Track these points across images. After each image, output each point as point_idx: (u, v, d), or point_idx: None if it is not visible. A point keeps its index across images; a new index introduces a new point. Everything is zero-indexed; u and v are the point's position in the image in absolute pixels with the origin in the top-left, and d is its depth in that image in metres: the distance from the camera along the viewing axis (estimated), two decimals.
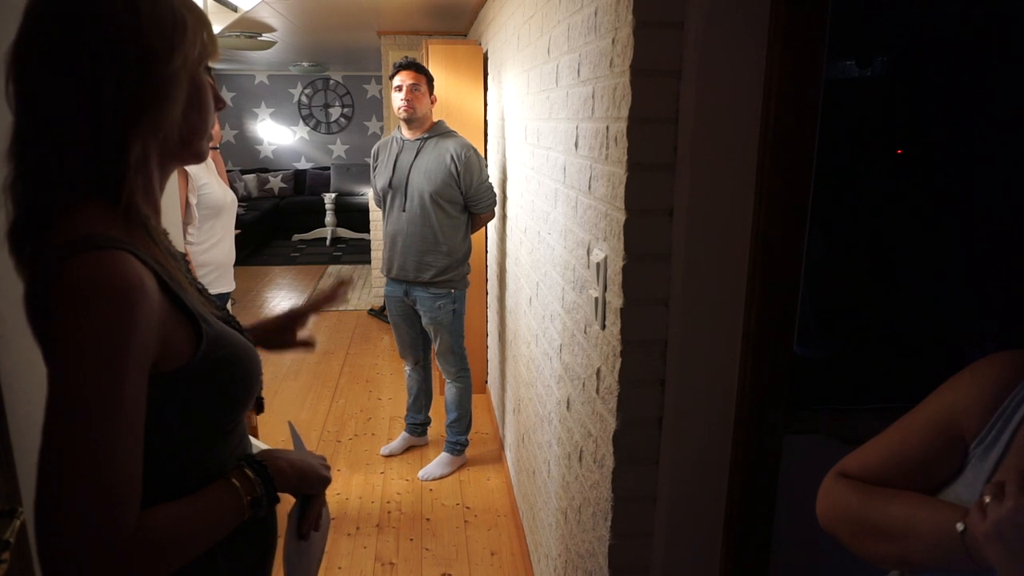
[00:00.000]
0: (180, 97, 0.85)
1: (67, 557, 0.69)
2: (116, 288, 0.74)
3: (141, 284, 0.77)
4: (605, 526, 1.51)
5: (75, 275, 0.74)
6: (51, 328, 0.75)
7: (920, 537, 0.80)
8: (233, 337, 0.92)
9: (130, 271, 0.76)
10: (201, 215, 2.83)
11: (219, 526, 0.86)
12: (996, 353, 0.88)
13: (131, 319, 0.74)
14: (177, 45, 0.83)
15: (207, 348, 0.85)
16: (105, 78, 0.78)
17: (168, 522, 0.79)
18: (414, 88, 3.08)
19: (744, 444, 1.40)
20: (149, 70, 0.81)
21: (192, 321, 0.85)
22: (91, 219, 0.79)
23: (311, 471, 1.01)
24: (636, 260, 1.34)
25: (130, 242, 0.80)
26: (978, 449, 0.83)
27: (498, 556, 2.81)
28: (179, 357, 0.83)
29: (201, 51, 0.88)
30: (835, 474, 0.96)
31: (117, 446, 0.73)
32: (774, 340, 1.35)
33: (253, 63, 9.23)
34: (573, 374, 1.79)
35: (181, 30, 0.84)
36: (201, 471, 0.88)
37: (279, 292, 7.13)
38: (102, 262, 0.75)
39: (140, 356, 0.76)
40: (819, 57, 1.26)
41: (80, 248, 0.75)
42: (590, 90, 1.54)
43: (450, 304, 3.25)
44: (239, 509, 0.88)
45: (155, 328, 0.78)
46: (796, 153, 1.28)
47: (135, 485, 0.74)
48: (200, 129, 0.91)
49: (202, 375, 0.86)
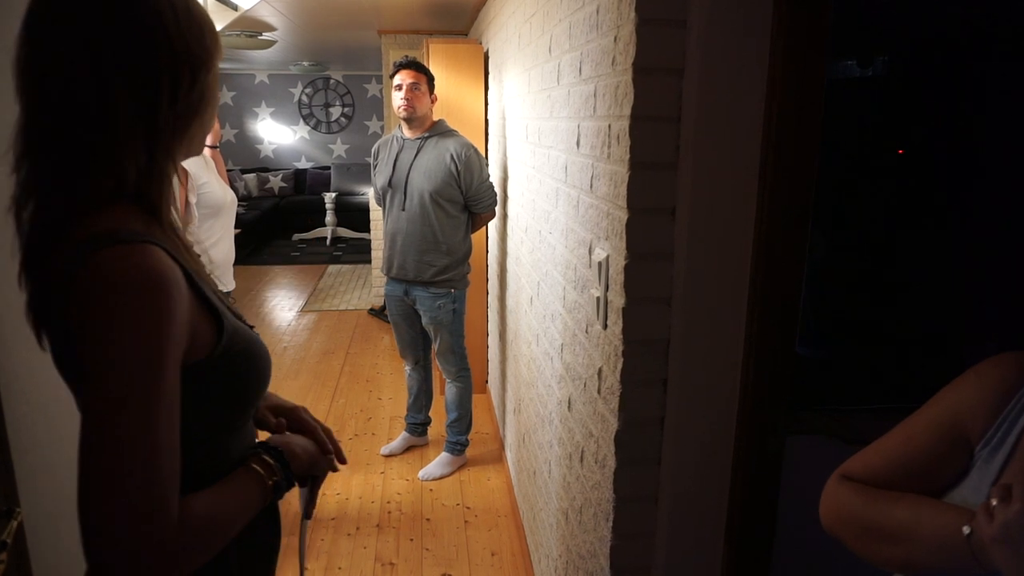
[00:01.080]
0: (217, 101, 0.90)
1: (118, 551, 0.70)
2: (150, 280, 0.75)
3: (173, 275, 0.78)
4: (606, 526, 1.50)
5: (106, 269, 0.74)
6: (84, 324, 0.74)
7: (925, 540, 0.79)
8: (247, 332, 0.94)
9: (161, 263, 0.77)
10: (201, 214, 2.83)
11: (249, 510, 0.89)
12: (1001, 354, 0.87)
13: (167, 310, 0.75)
14: (214, 50, 0.87)
15: (227, 342, 0.87)
16: (162, 87, 0.81)
17: (206, 509, 0.80)
18: (414, 87, 3.07)
19: (746, 444, 1.39)
20: (198, 77, 0.85)
21: (214, 314, 0.86)
22: (110, 215, 0.80)
23: (317, 455, 1.07)
24: (638, 259, 1.33)
25: (152, 236, 0.81)
26: (983, 451, 0.83)
27: (498, 556, 2.81)
28: (202, 349, 0.84)
29: (216, 51, 0.91)
30: (839, 476, 0.95)
31: (160, 438, 0.73)
32: (776, 340, 1.34)
33: (253, 62, 9.22)
34: (574, 374, 1.79)
35: (212, 35, 0.87)
36: (215, 463, 0.90)
37: (279, 291, 7.12)
38: (132, 255, 0.75)
39: (176, 348, 0.77)
40: (821, 56, 1.25)
41: (105, 243, 0.75)
42: (592, 88, 1.53)
43: (450, 304, 3.24)
44: (263, 493, 0.91)
45: (186, 320, 0.80)
46: (799, 152, 1.27)
47: (177, 476, 0.75)
48: (207, 127, 0.94)
49: (220, 368, 0.87)
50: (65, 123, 0.79)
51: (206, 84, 0.87)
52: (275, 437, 1.02)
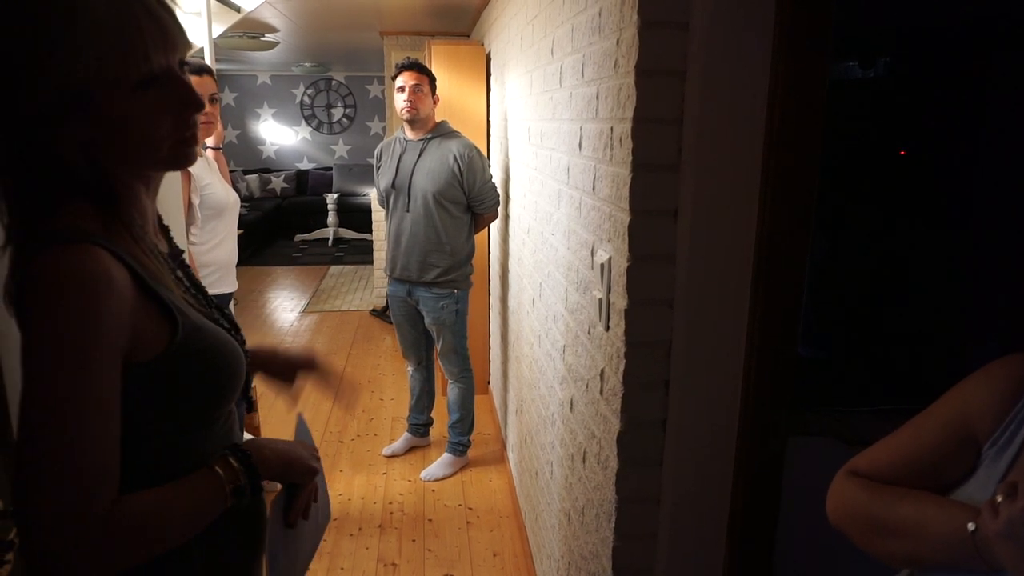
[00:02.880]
0: (65, 136, 0.80)
1: (40, 541, 0.73)
2: (80, 280, 0.77)
3: (107, 276, 0.78)
4: (609, 527, 1.51)
5: (42, 267, 0.77)
6: (22, 319, 0.78)
7: (930, 536, 0.80)
8: (213, 331, 0.94)
9: (95, 264, 0.78)
10: (204, 215, 2.83)
11: (200, 513, 0.87)
12: (1010, 355, 0.88)
13: (96, 309, 0.77)
14: (40, 81, 0.78)
15: (183, 339, 0.87)
16: (23, 93, 0.78)
17: (145, 507, 0.81)
18: (416, 89, 3.08)
19: (748, 445, 1.39)
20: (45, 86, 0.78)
21: (167, 313, 0.86)
22: (72, 215, 0.82)
23: (298, 461, 1.02)
24: (640, 261, 1.34)
25: (106, 237, 0.82)
26: (991, 450, 0.83)
27: (500, 557, 2.81)
28: (153, 348, 0.84)
29: (103, 71, 0.79)
30: (846, 472, 0.96)
31: (84, 432, 0.75)
32: (778, 341, 1.34)
33: (255, 63, 9.24)
34: (576, 375, 1.79)
35: (49, 57, 0.78)
36: (183, 461, 0.89)
37: (281, 292, 7.13)
38: (68, 255, 0.77)
39: (108, 345, 0.78)
40: (824, 57, 1.25)
41: (51, 242, 0.78)
42: (594, 91, 1.53)
43: (453, 304, 3.24)
44: (221, 497, 0.89)
45: (125, 319, 0.80)
46: (801, 154, 1.27)
47: (107, 470, 0.77)
48: (141, 149, 0.86)
49: (180, 366, 0.87)
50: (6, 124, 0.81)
51: (120, 104, 0.80)
52: (248, 440, 0.99)
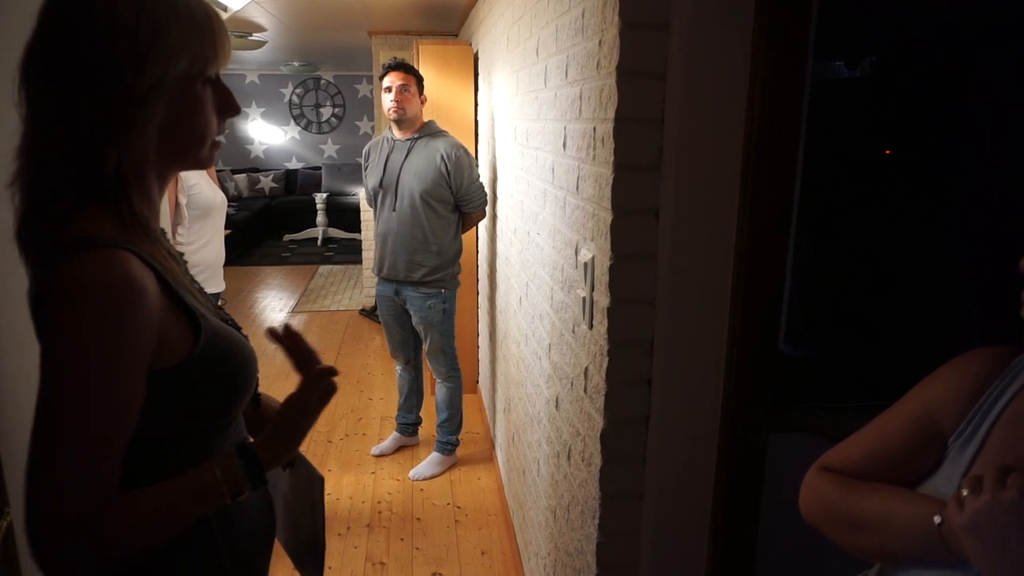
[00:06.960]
0: (155, 113, 0.84)
1: (39, 525, 0.76)
2: (117, 285, 0.77)
3: (141, 282, 0.80)
4: (593, 524, 1.52)
5: (77, 272, 0.77)
6: (51, 322, 0.78)
7: (898, 529, 0.81)
8: (229, 332, 0.95)
9: (130, 269, 0.79)
10: (191, 215, 2.83)
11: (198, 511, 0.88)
12: (975, 349, 0.89)
13: (130, 315, 0.78)
14: (150, 60, 0.82)
15: (205, 343, 0.88)
16: (81, 94, 0.80)
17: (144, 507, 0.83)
18: (403, 89, 3.08)
19: (730, 442, 1.41)
20: (118, 87, 0.81)
21: (191, 318, 0.87)
22: (92, 219, 0.82)
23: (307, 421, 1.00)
24: (623, 260, 1.35)
25: (129, 241, 0.82)
26: (956, 443, 0.85)
27: (488, 555, 2.82)
28: (178, 353, 0.85)
29: (194, 63, 0.86)
30: (817, 467, 0.97)
31: (96, 433, 0.77)
32: (759, 339, 1.36)
33: (243, 62, 9.19)
34: (562, 373, 1.80)
35: (159, 44, 0.82)
36: (200, 461, 0.90)
37: (270, 292, 7.11)
38: (103, 260, 0.78)
39: (137, 352, 0.79)
40: (803, 58, 1.27)
41: (81, 247, 0.78)
42: (578, 91, 1.54)
43: (440, 304, 3.25)
44: (219, 496, 0.89)
45: (154, 325, 0.81)
46: (780, 154, 1.29)
47: (110, 468, 0.79)
48: (193, 140, 0.90)
49: (201, 370, 0.88)
50: (41, 130, 0.82)
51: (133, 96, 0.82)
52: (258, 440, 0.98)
